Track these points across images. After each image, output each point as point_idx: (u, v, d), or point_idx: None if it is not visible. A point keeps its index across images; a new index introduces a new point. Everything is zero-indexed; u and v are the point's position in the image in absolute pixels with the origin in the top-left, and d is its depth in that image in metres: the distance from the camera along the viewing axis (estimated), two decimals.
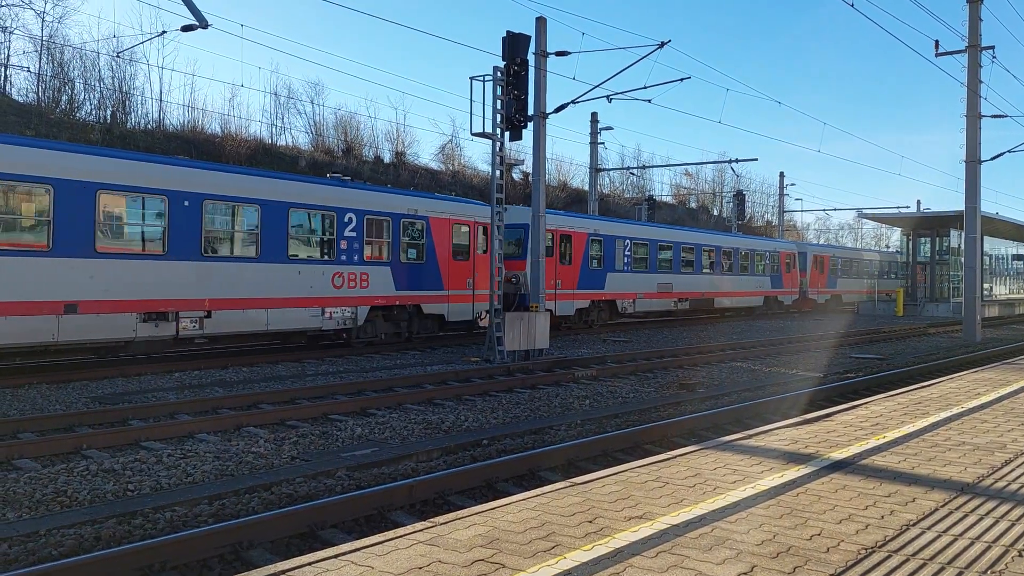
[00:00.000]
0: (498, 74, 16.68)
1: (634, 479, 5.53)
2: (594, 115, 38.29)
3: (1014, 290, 50.78)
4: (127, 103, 36.79)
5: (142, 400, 11.58)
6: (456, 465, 7.89)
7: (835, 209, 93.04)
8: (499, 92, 16.74)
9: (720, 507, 4.80)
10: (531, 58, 17.13)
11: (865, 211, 52.18)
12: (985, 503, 4.95)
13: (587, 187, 40.88)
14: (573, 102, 18.33)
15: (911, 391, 10.14)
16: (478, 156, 73.29)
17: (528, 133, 17.49)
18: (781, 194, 55.21)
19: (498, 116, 16.82)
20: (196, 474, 7.50)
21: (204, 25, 14.62)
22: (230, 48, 77.20)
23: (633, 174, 57.33)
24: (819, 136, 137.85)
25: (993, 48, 25.02)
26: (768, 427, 7.55)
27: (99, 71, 35.29)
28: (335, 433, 9.39)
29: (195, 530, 5.56)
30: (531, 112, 17.20)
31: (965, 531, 4.40)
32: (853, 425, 7.59)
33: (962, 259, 27.97)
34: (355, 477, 7.39)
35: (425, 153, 75.62)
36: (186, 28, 14.95)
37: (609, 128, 39.59)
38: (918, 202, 67.58)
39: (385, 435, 9.41)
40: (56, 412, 10.46)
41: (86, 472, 7.44)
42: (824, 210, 79.76)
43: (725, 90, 77.58)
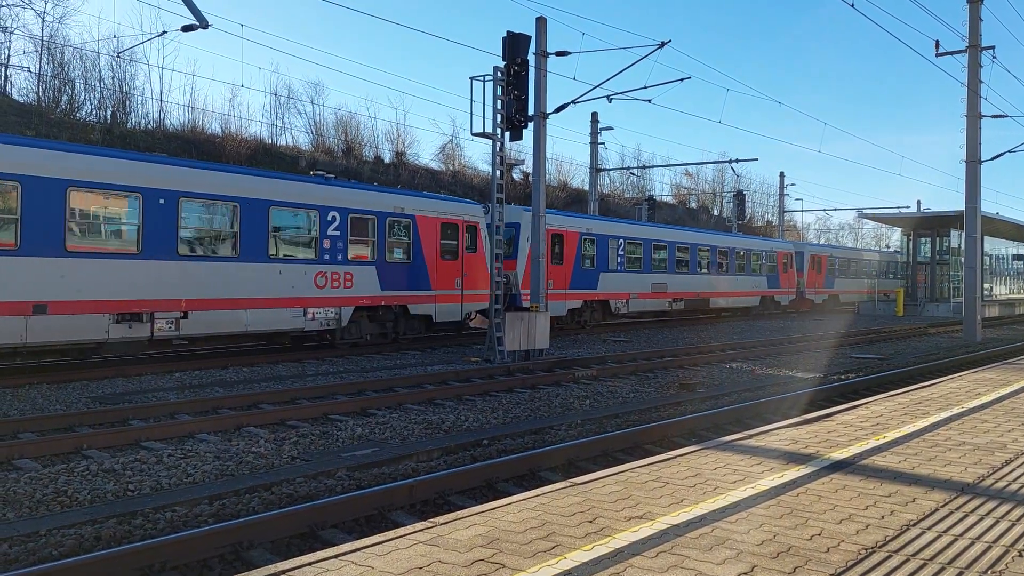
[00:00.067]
0: (498, 74, 16.69)
1: (634, 479, 5.53)
2: (594, 115, 38.34)
3: (1014, 290, 50.81)
4: (127, 103, 36.80)
5: (142, 400, 11.58)
6: (456, 465, 7.89)
7: (835, 209, 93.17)
8: (499, 92, 16.75)
9: (720, 507, 4.80)
10: (531, 58, 17.14)
11: (865, 211, 52.25)
12: (985, 503, 4.95)
13: (587, 187, 40.90)
14: (573, 102, 18.33)
15: (911, 391, 10.14)
16: (478, 156, 73.43)
17: (528, 133, 17.51)
18: (781, 194, 55.27)
19: (498, 116, 16.83)
20: (196, 474, 7.50)
21: (204, 25, 14.63)
22: (230, 48, 77.33)
23: (633, 174, 57.38)
24: (819, 136, 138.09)
25: (993, 48, 25.06)
26: (768, 427, 7.56)
27: (99, 71, 35.31)
28: (335, 433, 9.40)
29: (195, 530, 5.56)
30: (531, 112, 17.21)
31: (965, 531, 4.40)
32: (853, 425, 7.59)
33: (962, 259, 27.99)
34: (355, 477, 7.39)
35: (425, 153, 75.84)
36: (186, 28, 14.96)
37: (609, 128, 39.61)
38: (918, 202, 67.69)
39: (385, 435, 9.42)
40: (56, 412, 10.46)
41: (86, 472, 7.44)
42: (824, 210, 79.75)
43: (725, 90, 77.75)
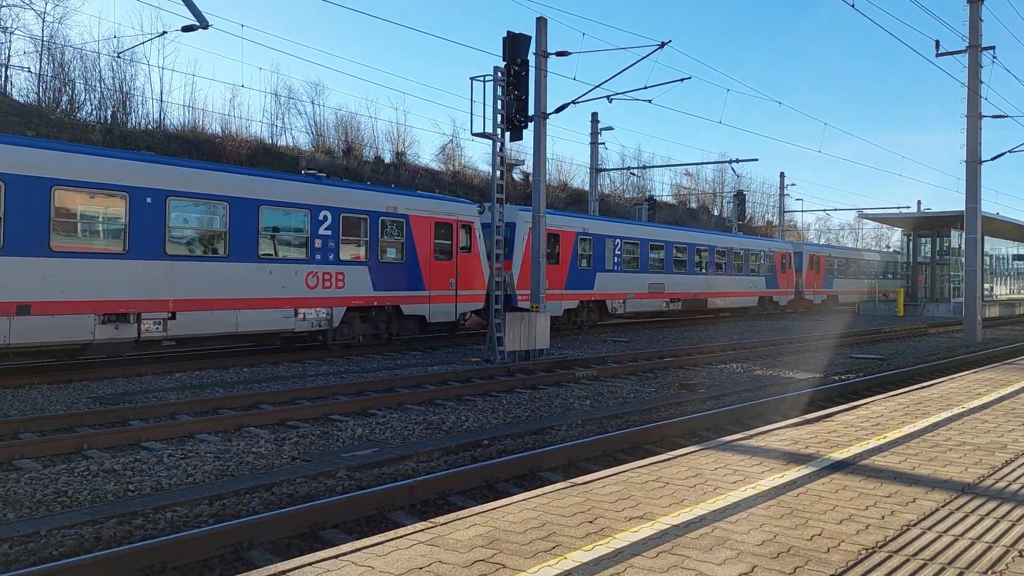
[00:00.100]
0: (498, 74, 16.69)
1: (635, 479, 5.53)
2: (594, 115, 38.32)
3: (1015, 290, 50.80)
4: (128, 103, 36.80)
5: (143, 400, 11.59)
6: (457, 465, 7.89)
7: (835, 209, 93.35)
8: (499, 92, 16.75)
9: (721, 507, 4.80)
10: (531, 58, 17.13)
11: (866, 211, 52.30)
12: (986, 503, 4.95)
13: (587, 187, 40.90)
14: (573, 102, 18.33)
15: (912, 391, 10.14)
16: (479, 156, 73.29)
17: (528, 133, 17.50)
18: (782, 194, 55.27)
19: (499, 116, 16.83)
20: (197, 474, 7.50)
21: (204, 25, 14.63)
22: (230, 48, 77.24)
23: (634, 174, 57.39)
24: (819, 136, 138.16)
25: (994, 48, 25.04)
26: (769, 427, 7.55)
27: (100, 71, 35.31)
28: (336, 433, 9.39)
29: (196, 530, 5.56)
30: (531, 112, 17.20)
31: (966, 531, 4.40)
32: (854, 425, 7.59)
33: (963, 259, 27.98)
34: (356, 477, 7.39)
35: (426, 153, 75.87)
36: (186, 28, 14.96)
37: (609, 128, 39.53)
38: (918, 202, 67.78)
39: (386, 435, 9.41)
40: (57, 412, 10.47)
41: (87, 472, 7.44)
42: (825, 210, 79.72)
43: (725, 90, 77.87)
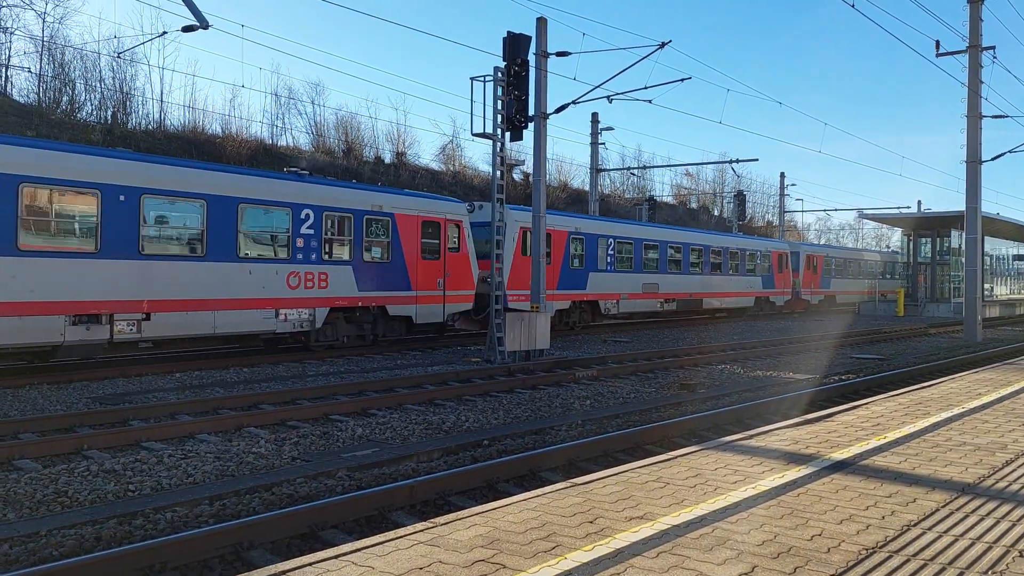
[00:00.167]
0: (499, 74, 16.69)
1: (635, 479, 5.53)
2: (595, 115, 38.32)
3: (1015, 290, 50.78)
4: (128, 104, 36.79)
5: (143, 400, 11.58)
6: (457, 465, 7.89)
7: (836, 209, 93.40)
8: (500, 92, 16.75)
9: (721, 507, 4.80)
10: (531, 58, 17.13)
11: (866, 211, 52.30)
12: (986, 503, 4.95)
13: (588, 187, 40.91)
14: (574, 102, 18.32)
15: (912, 391, 10.14)
16: (479, 156, 73.25)
17: (529, 133, 17.50)
18: (782, 194, 55.26)
19: (499, 116, 16.83)
20: (197, 474, 7.50)
21: (205, 26, 14.62)
22: (231, 49, 77.32)
23: (634, 174, 57.39)
24: (819, 136, 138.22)
25: (994, 48, 25.04)
26: (769, 427, 7.55)
27: (100, 72, 35.31)
28: (336, 433, 9.39)
29: (196, 530, 5.56)
30: (532, 112, 17.20)
31: (966, 532, 4.40)
32: (854, 425, 7.59)
33: (963, 259, 27.98)
34: (356, 477, 7.39)
35: (426, 153, 75.87)
36: (187, 29, 14.95)
37: (610, 128, 39.49)
38: (919, 202, 67.83)
39: (386, 435, 9.41)
40: (57, 412, 10.47)
41: (87, 472, 7.44)
42: (825, 210, 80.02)
43: (725, 90, 77.90)
